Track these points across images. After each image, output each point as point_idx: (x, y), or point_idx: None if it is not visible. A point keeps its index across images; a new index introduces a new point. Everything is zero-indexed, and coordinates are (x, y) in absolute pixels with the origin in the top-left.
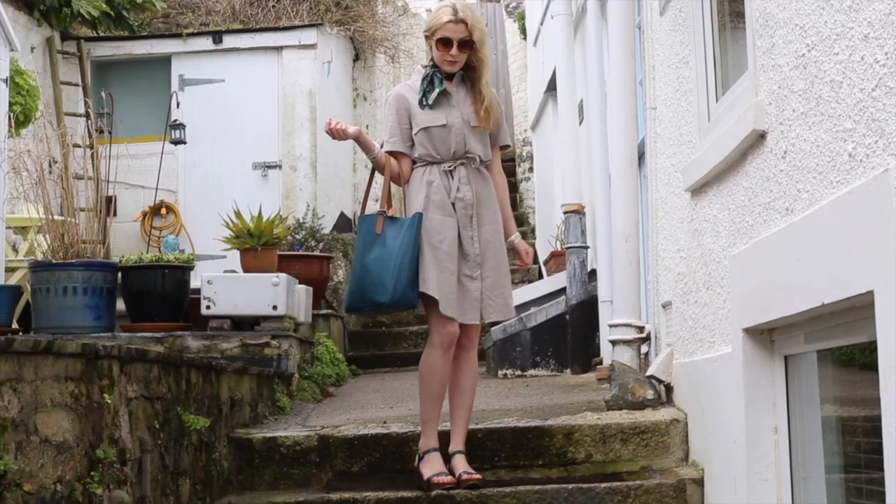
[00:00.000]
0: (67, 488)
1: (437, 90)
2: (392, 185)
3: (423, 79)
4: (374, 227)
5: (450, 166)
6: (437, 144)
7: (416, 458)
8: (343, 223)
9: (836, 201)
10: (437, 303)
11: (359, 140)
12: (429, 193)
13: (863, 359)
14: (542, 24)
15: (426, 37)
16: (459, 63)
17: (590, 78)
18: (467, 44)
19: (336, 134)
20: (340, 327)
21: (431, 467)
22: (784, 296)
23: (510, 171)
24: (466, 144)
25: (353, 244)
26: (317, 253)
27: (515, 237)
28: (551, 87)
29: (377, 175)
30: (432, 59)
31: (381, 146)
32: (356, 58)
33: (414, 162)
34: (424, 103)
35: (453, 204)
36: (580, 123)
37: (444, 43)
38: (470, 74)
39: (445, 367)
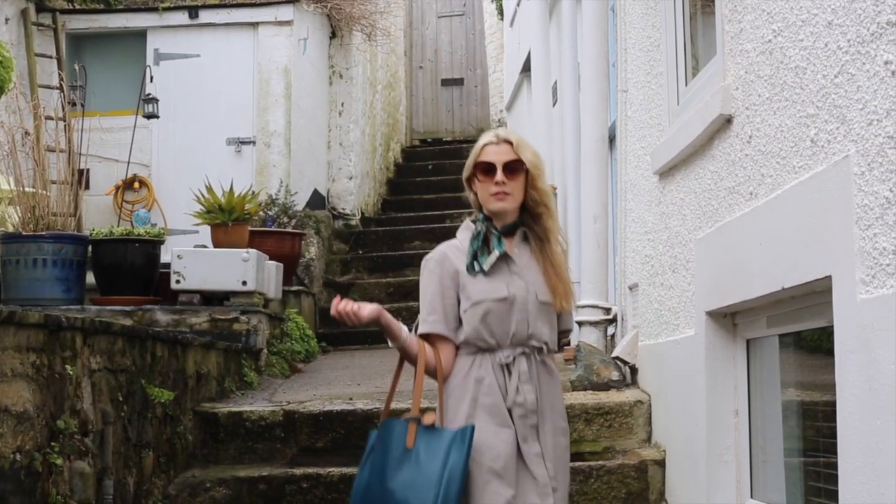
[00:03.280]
0: (27, 458)
1: (496, 252)
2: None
3: (475, 237)
4: (403, 439)
5: (507, 357)
6: (494, 326)
7: None
8: (316, 200)
9: (797, 186)
10: None
11: (379, 323)
12: (476, 395)
13: (824, 343)
14: (518, 4)
15: (466, 181)
16: (513, 197)
17: (564, 60)
18: (517, 167)
19: (346, 317)
20: (312, 304)
21: None
22: (746, 279)
23: None
24: (531, 326)
25: (326, 222)
26: (289, 230)
27: None
28: (526, 69)
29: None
30: (481, 211)
31: (412, 329)
32: (333, 35)
33: (457, 348)
34: (477, 269)
35: (510, 410)
36: (554, 105)
37: (486, 170)
38: (534, 228)
39: None
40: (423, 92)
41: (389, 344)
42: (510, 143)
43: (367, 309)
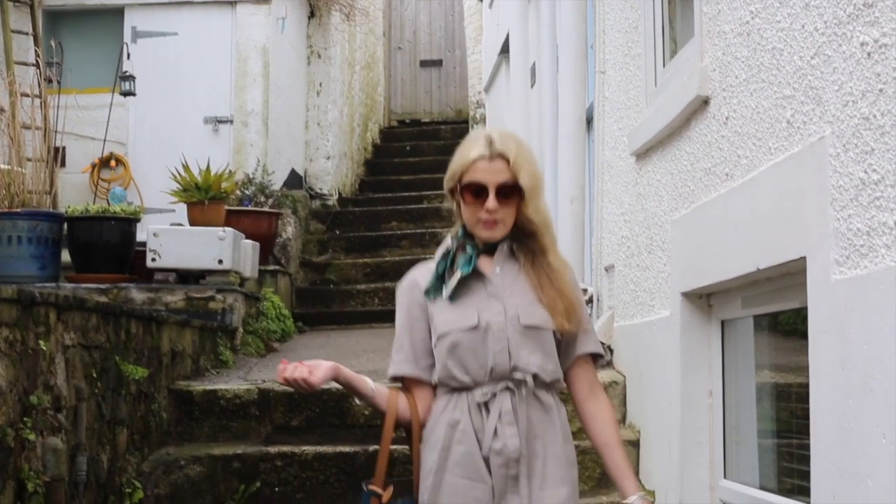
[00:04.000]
0: None
1: (459, 273)
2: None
3: (443, 256)
4: None
5: (485, 394)
6: (466, 361)
7: None
8: (294, 180)
9: (773, 168)
10: None
11: (338, 381)
12: (448, 444)
13: (799, 325)
14: None
15: (450, 190)
16: (503, 224)
17: (542, 41)
18: (513, 191)
19: (296, 386)
20: (288, 284)
21: None
22: (721, 260)
23: (463, 134)
24: (512, 357)
25: (303, 202)
26: (266, 209)
27: (636, 498)
28: (505, 50)
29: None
30: (463, 226)
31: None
32: (311, 14)
33: (434, 389)
34: (444, 294)
35: (487, 459)
36: (532, 86)
37: (475, 191)
38: (526, 243)
39: None
40: (401, 73)
41: (356, 401)
42: (507, 159)
43: (321, 371)
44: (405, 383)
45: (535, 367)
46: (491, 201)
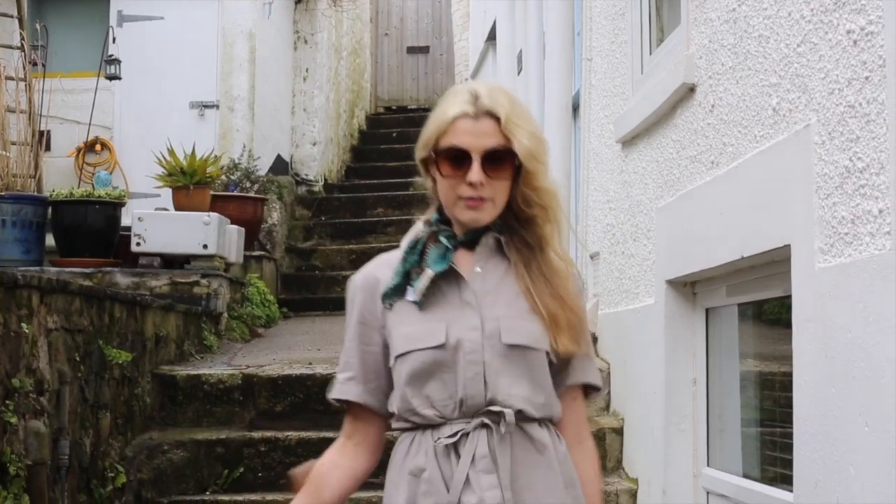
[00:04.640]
0: None
1: (430, 272)
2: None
3: (411, 248)
4: None
5: (453, 434)
6: (430, 390)
7: None
8: (279, 166)
9: (758, 155)
10: None
11: None
12: (413, 498)
13: (783, 314)
14: None
15: (423, 161)
16: (492, 204)
17: (529, 28)
18: (505, 160)
19: None
20: (273, 269)
21: None
22: (706, 248)
23: None
24: (490, 386)
25: (289, 188)
26: (251, 194)
27: None
28: (492, 37)
29: None
30: (439, 208)
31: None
32: (298, 0)
33: (388, 419)
34: (408, 297)
35: None
36: (519, 74)
37: (455, 159)
38: (520, 233)
39: None
40: (388, 59)
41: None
42: (496, 118)
43: None
44: (350, 409)
45: (518, 400)
46: (475, 172)
